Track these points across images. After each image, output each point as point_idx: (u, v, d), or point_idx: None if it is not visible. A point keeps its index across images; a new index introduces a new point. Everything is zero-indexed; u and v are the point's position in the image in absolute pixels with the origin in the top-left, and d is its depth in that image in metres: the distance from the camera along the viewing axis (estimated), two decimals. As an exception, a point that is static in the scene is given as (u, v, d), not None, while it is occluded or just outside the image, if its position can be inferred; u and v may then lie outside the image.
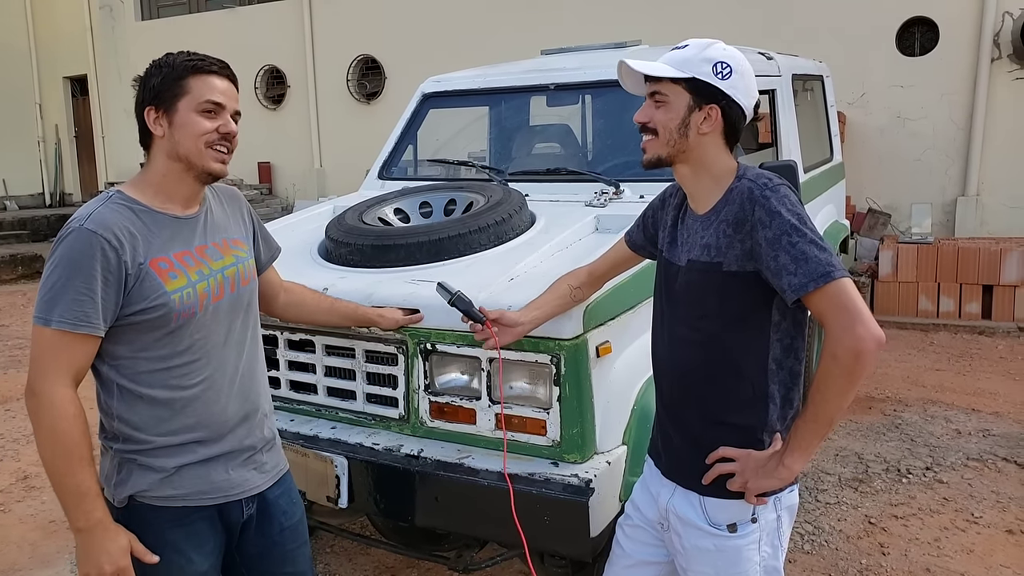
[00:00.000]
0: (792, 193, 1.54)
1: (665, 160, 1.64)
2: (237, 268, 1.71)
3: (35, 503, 3.81)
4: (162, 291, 1.55)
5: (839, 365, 1.43)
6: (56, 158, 14.48)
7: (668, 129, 1.61)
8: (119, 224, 1.53)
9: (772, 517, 1.64)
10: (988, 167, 7.19)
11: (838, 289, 1.44)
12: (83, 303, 1.48)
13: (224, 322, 1.67)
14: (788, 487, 1.64)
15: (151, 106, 1.59)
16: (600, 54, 3.82)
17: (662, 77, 1.60)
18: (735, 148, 1.68)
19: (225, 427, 1.67)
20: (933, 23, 7.27)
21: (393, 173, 3.68)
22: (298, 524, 1.87)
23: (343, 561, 3.24)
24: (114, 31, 12.69)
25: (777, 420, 1.62)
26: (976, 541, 3.21)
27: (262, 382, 1.80)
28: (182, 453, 1.62)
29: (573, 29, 8.28)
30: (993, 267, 6.31)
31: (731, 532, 1.62)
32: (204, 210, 1.69)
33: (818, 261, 1.44)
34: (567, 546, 2.08)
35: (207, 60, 1.61)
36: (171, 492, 1.62)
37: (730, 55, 1.61)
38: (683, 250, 1.68)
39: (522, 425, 2.16)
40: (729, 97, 1.59)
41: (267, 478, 1.78)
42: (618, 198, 2.91)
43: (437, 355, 2.24)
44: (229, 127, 1.61)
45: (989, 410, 4.64)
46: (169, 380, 1.60)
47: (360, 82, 10.48)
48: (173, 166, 1.60)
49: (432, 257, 2.51)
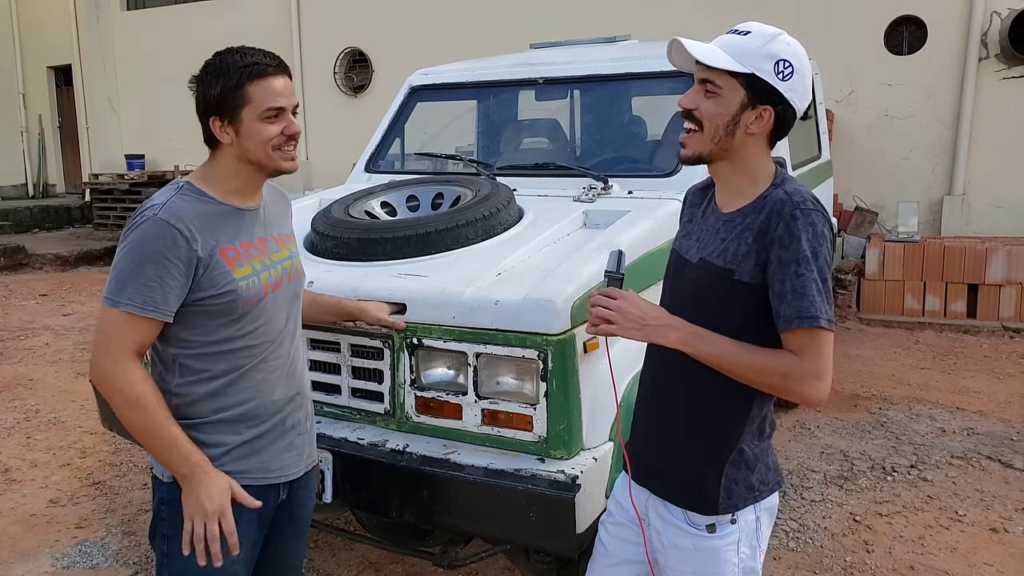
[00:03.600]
0: (822, 220, 1.46)
1: (707, 157, 1.54)
2: (292, 262, 1.82)
3: (16, 496, 3.76)
4: (230, 279, 1.63)
5: (780, 378, 1.46)
6: (39, 149, 14.30)
7: (715, 125, 1.49)
8: (191, 214, 1.60)
9: (751, 518, 1.61)
10: (974, 166, 7.23)
11: (818, 339, 1.43)
12: (152, 289, 1.55)
13: (283, 310, 1.77)
14: (769, 490, 1.63)
15: (215, 116, 1.63)
16: (589, 48, 3.80)
17: (719, 68, 1.47)
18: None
19: (274, 407, 1.76)
20: (921, 22, 7.29)
21: (380, 166, 3.65)
22: (307, 519, 1.94)
23: (327, 556, 3.22)
24: (99, 21, 12.54)
25: (753, 435, 1.59)
26: (960, 539, 3.23)
27: (305, 367, 1.90)
28: (230, 431, 1.70)
29: (562, 23, 8.25)
30: (979, 266, 6.35)
31: (710, 532, 1.60)
32: (262, 204, 1.77)
33: (812, 302, 1.42)
34: (553, 542, 2.06)
35: (261, 63, 1.62)
36: (221, 469, 1.67)
37: (793, 52, 1.49)
38: (697, 245, 1.61)
39: (508, 421, 2.14)
40: (786, 100, 1.49)
41: (302, 465, 1.85)
42: (606, 193, 2.90)
43: (423, 350, 2.22)
44: (293, 128, 1.67)
45: (973, 408, 4.66)
46: (231, 360, 1.68)
47: (347, 75, 10.41)
48: (244, 168, 1.67)
49: (419, 251, 2.48)
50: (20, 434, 4.56)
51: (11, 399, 5.14)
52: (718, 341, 1.50)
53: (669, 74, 3.22)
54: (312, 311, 2.13)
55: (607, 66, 3.36)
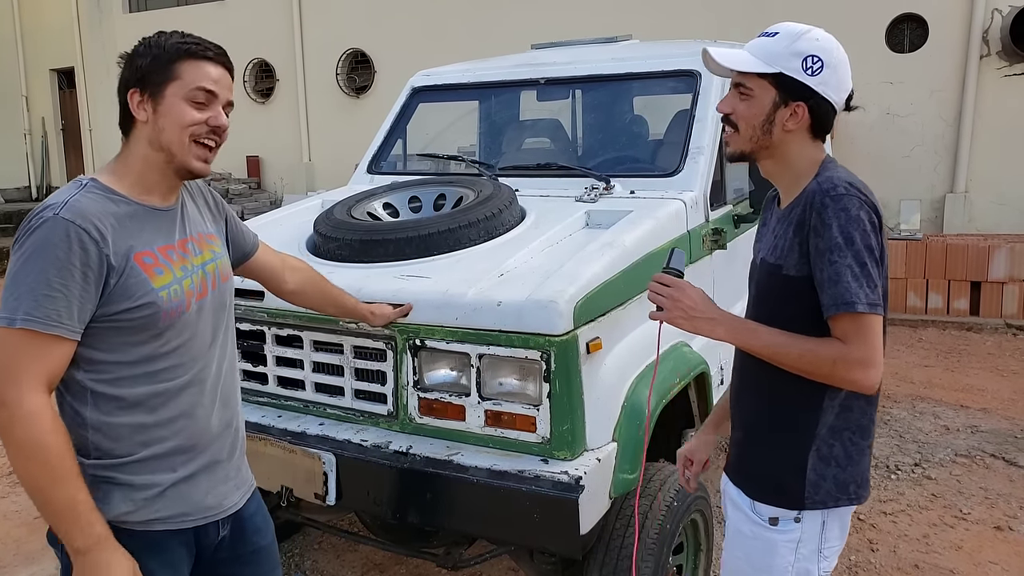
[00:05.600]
0: (857, 204, 1.45)
1: (748, 155, 1.59)
2: (216, 264, 1.60)
3: (20, 499, 3.77)
4: (148, 288, 1.42)
5: (830, 366, 1.44)
6: (43, 151, 14.34)
7: (751, 125, 1.55)
8: (99, 214, 1.38)
9: (818, 522, 1.59)
10: (977, 164, 7.22)
11: (860, 324, 1.42)
12: (56, 300, 1.32)
13: (210, 321, 1.57)
14: (846, 501, 1.57)
15: (136, 88, 1.45)
16: (590, 48, 3.80)
17: (749, 71, 1.53)
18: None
19: (208, 435, 1.56)
20: (923, 20, 7.29)
21: (382, 167, 3.65)
22: (271, 545, 1.77)
23: (331, 558, 3.22)
24: (101, 23, 12.58)
25: (828, 432, 1.55)
26: (965, 537, 3.22)
27: (238, 387, 1.70)
28: (164, 468, 1.49)
29: (563, 23, 8.25)
30: (981, 264, 6.34)
31: (771, 524, 1.60)
32: (180, 203, 1.57)
33: (847, 287, 1.41)
34: (557, 543, 2.06)
35: (202, 44, 1.48)
36: (153, 516, 1.48)
37: (823, 47, 1.52)
38: (760, 246, 1.66)
39: (511, 422, 2.14)
40: (818, 95, 1.51)
41: (241, 494, 1.67)
42: (608, 193, 2.89)
43: (426, 351, 2.22)
44: (219, 119, 1.48)
45: (977, 406, 4.66)
46: (153, 384, 1.46)
47: (349, 76, 10.43)
48: (154, 156, 1.46)
49: (421, 252, 2.48)
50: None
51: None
52: (767, 333, 1.52)
53: (670, 74, 3.22)
54: (315, 299, 2.04)
55: (608, 66, 3.36)
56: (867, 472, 1.60)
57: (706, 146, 2.94)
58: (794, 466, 1.57)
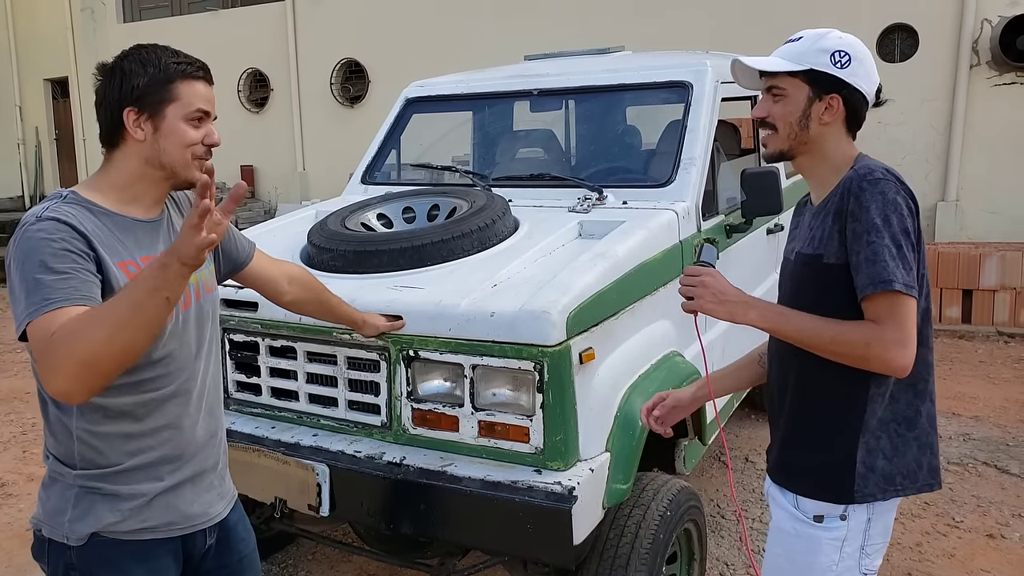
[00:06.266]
0: (894, 188, 1.48)
1: (787, 154, 1.62)
2: (200, 276, 1.59)
3: (12, 511, 3.76)
4: None
5: (863, 347, 1.45)
6: (36, 161, 14.29)
7: (788, 123, 1.59)
8: (79, 221, 1.40)
9: (863, 519, 1.59)
10: (967, 173, 7.27)
11: (896, 304, 1.43)
12: (67, 279, 1.32)
13: (194, 332, 1.58)
14: (916, 488, 1.59)
15: (132, 107, 1.45)
16: (583, 60, 3.83)
17: (778, 71, 1.58)
18: None
19: (194, 445, 1.58)
20: (913, 30, 7.34)
21: (376, 178, 3.66)
22: (253, 553, 1.80)
23: (325, 568, 3.22)
24: (96, 33, 12.57)
25: (877, 424, 1.56)
26: (957, 546, 3.23)
27: (221, 397, 1.73)
28: (150, 478, 1.51)
29: (556, 35, 8.28)
30: (973, 272, 6.38)
31: (816, 522, 1.60)
32: (165, 215, 1.59)
33: (884, 266, 1.43)
34: (550, 554, 2.07)
35: (193, 63, 1.51)
36: (140, 525, 1.51)
37: (847, 43, 1.59)
38: (795, 244, 1.68)
39: (505, 432, 2.15)
40: (850, 85, 1.57)
41: (226, 503, 1.70)
42: (601, 204, 2.91)
43: (420, 362, 2.23)
44: (213, 137, 1.53)
45: (969, 414, 4.68)
46: (139, 394, 1.48)
47: (344, 86, 10.44)
48: (151, 172, 1.49)
49: (415, 263, 2.49)
50: (16, 448, 4.56)
51: (7, 412, 5.14)
52: (798, 317, 1.53)
53: (662, 85, 3.24)
54: (313, 308, 2.04)
55: (601, 77, 3.38)
56: (915, 464, 1.59)
57: (698, 156, 2.95)
58: (843, 460, 1.57)
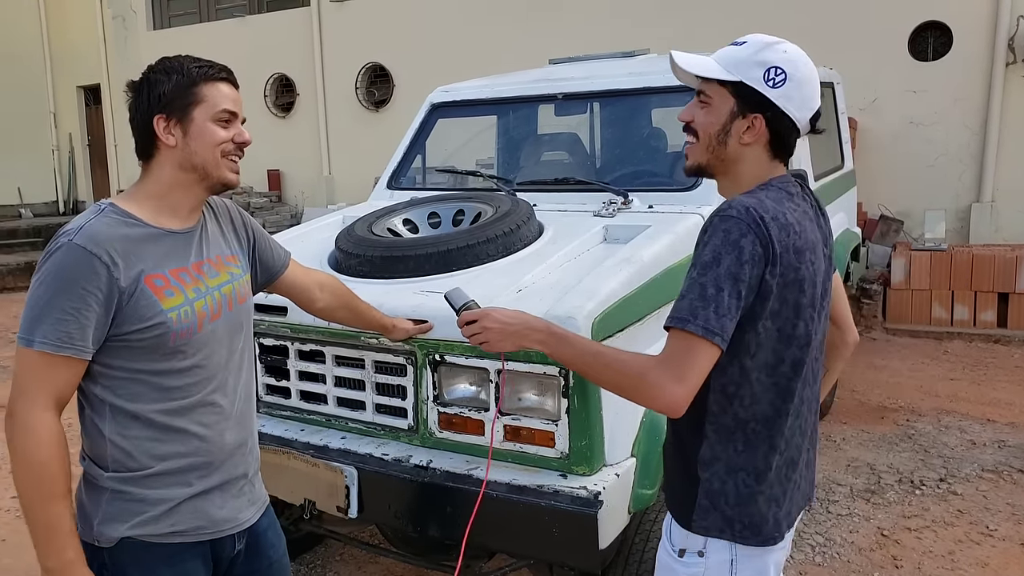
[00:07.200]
0: (740, 230, 1.35)
1: (706, 169, 1.53)
2: (233, 286, 1.63)
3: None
4: (158, 309, 1.46)
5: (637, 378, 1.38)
6: (70, 166, 14.60)
7: (708, 134, 1.49)
8: (111, 238, 1.44)
9: (724, 559, 1.49)
10: (1003, 173, 7.13)
11: (685, 341, 1.34)
12: (67, 323, 1.39)
13: (225, 342, 1.60)
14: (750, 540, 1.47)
15: (161, 114, 1.49)
16: (608, 63, 3.82)
17: (708, 77, 1.48)
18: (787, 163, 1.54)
19: (223, 453, 1.60)
20: (946, 27, 7.22)
21: (402, 183, 3.69)
22: (283, 557, 1.81)
23: (352, 569, 3.24)
24: (127, 41, 12.79)
25: (726, 470, 1.47)
26: (991, 554, 3.17)
27: (254, 407, 1.75)
28: (179, 484, 1.54)
29: (581, 38, 8.28)
30: (1008, 274, 6.25)
31: (679, 556, 1.54)
32: (200, 225, 1.61)
33: (690, 304, 1.35)
34: (576, 558, 2.07)
35: (216, 66, 1.55)
36: (168, 529, 1.53)
37: (790, 59, 1.44)
38: None
39: (530, 437, 2.15)
40: (776, 107, 1.44)
41: (256, 509, 1.72)
42: (626, 208, 2.90)
43: (446, 366, 2.24)
44: (244, 136, 1.56)
45: (1004, 420, 4.59)
46: (167, 401, 1.51)
47: (369, 90, 10.52)
48: (184, 177, 1.53)
49: (440, 268, 2.51)
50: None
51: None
52: (579, 342, 1.51)
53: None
54: (343, 315, 2.06)
55: (625, 80, 3.38)
56: (759, 517, 1.47)
57: (724, 160, 2.93)
58: (689, 484, 1.51)
